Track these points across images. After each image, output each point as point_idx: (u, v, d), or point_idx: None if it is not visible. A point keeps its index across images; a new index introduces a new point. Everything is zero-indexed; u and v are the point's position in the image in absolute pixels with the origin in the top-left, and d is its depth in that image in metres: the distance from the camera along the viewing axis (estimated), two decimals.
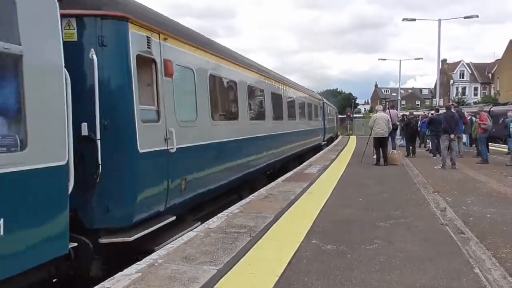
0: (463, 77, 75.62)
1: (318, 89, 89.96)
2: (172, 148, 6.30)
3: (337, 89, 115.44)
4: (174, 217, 6.41)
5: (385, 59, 50.46)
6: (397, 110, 27.79)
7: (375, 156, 15.08)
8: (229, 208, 7.82)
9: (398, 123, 18.86)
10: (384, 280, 4.32)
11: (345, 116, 65.32)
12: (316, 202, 8.29)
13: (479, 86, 74.97)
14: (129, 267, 4.69)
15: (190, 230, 6.28)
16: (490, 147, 18.74)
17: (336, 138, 39.13)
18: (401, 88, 58.66)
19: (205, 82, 7.96)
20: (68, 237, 4.48)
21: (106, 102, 5.16)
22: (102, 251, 5.28)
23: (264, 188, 10.23)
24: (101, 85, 5.10)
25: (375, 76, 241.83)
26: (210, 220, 6.90)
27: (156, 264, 4.78)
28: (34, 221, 4.02)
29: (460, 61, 77.10)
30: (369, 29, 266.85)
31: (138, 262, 4.84)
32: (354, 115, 71.98)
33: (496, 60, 66.65)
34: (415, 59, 46.10)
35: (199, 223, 6.93)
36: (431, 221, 6.88)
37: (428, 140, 21.31)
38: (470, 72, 75.65)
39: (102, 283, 4.25)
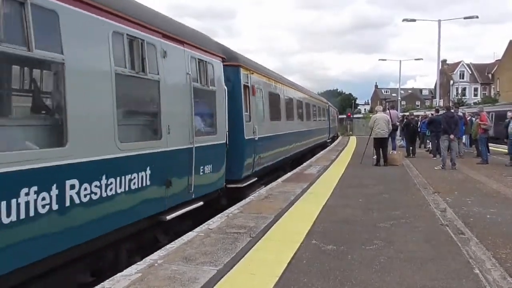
0: (463, 78, 75.67)
1: (319, 90, 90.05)
2: (256, 137, 10.75)
3: (337, 89, 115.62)
4: (256, 178, 11.01)
5: (385, 60, 50.49)
6: (397, 110, 27.79)
7: (375, 157, 15.09)
8: (229, 209, 7.83)
9: (398, 123, 18.85)
10: (384, 281, 4.32)
11: (345, 116, 65.27)
12: (316, 202, 8.29)
13: (479, 86, 75.02)
14: (129, 268, 4.69)
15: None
16: (490, 148, 18.77)
17: (337, 138, 39.20)
18: (401, 89, 58.66)
19: (267, 97, 12.57)
20: (224, 179, 8.80)
21: (230, 110, 9.05)
22: (227, 192, 9.34)
23: (264, 188, 10.25)
24: (228, 101, 8.90)
25: (375, 77, 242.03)
26: (210, 220, 6.91)
27: (156, 264, 4.78)
28: (218, 168, 8.41)
29: (460, 62, 77.15)
30: (369, 30, 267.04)
31: (138, 263, 4.84)
32: (354, 116, 72.00)
33: (496, 60, 66.72)
34: (415, 59, 46.25)
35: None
36: (431, 221, 6.88)
37: (428, 141, 21.31)
38: (470, 72, 75.70)
39: (102, 283, 4.25)
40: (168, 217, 6.39)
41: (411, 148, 18.80)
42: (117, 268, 5.11)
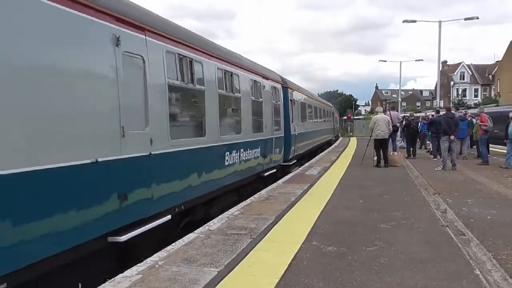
0: (463, 79, 75.65)
1: (319, 91, 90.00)
2: (296, 133, 15.71)
3: (337, 90, 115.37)
4: (296, 160, 16.12)
5: (385, 61, 50.60)
6: (397, 111, 27.79)
7: (375, 158, 15.09)
8: (229, 210, 7.83)
9: (398, 124, 18.85)
10: (384, 282, 4.33)
11: (345, 118, 65.21)
12: (317, 203, 8.29)
13: (479, 87, 75.01)
14: (129, 269, 4.69)
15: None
16: (490, 149, 18.76)
17: (337, 139, 39.31)
18: (402, 90, 58.68)
19: (299, 105, 17.67)
20: (283, 158, 14.24)
21: (285, 116, 14.48)
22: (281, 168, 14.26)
23: (265, 189, 10.25)
24: (284, 111, 14.48)
25: (376, 78, 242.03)
26: (210, 221, 6.91)
27: (157, 265, 4.78)
28: (281, 151, 13.85)
29: (460, 63, 77.12)
30: (370, 30, 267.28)
31: (138, 264, 4.85)
32: (355, 117, 71.92)
33: (496, 61, 66.61)
34: (416, 60, 46.50)
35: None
36: (432, 222, 6.88)
37: (428, 142, 21.31)
38: (471, 73, 75.68)
39: (103, 284, 4.26)
40: (265, 174, 12.18)
41: (411, 149, 18.80)
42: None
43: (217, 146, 8.48)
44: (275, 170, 13.05)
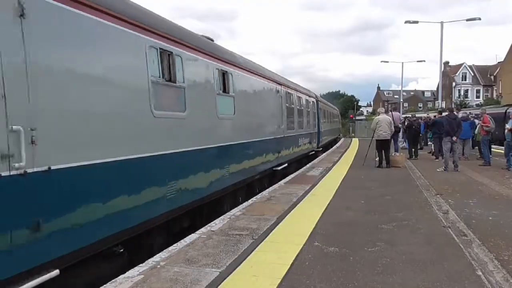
0: (465, 80, 75.56)
1: (320, 92, 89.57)
2: (322, 130, 24.20)
3: (339, 91, 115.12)
4: (322, 148, 24.43)
5: (387, 62, 50.33)
6: (399, 112, 27.79)
7: (377, 159, 15.07)
8: (231, 211, 7.84)
9: (400, 125, 18.84)
10: (386, 283, 4.33)
11: (347, 120, 65.10)
12: (319, 204, 8.29)
13: (481, 88, 74.90)
14: (131, 269, 4.70)
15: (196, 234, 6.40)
16: (492, 150, 18.74)
17: (339, 140, 39.31)
18: (403, 91, 58.59)
19: (323, 111, 26.22)
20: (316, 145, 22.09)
21: (318, 118, 23.12)
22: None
23: (267, 190, 10.25)
24: (317, 116, 23.18)
25: (377, 79, 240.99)
26: (212, 222, 6.92)
27: (159, 266, 4.79)
28: (315, 141, 21.92)
29: (462, 64, 77.02)
30: (371, 31, 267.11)
31: (140, 265, 4.85)
32: (356, 118, 71.78)
33: (498, 62, 66.47)
34: (418, 61, 46.55)
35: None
36: (434, 223, 6.88)
37: (429, 143, 21.34)
38: (473, 74, 75.58)
39: (105, 285, 4.27)
40: (310, 154, 20.18)
41: (413, 150, 18.79)
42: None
43: (297, 135, 16.32)
44: (313, 152, 21.07)
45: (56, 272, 3.90)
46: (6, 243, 3.49)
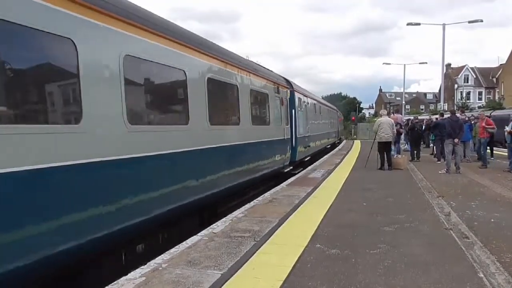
0: (467, 82, 75.35)
1: (322, 94, 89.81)
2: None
3: (341, 93, 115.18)
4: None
5: (389, 64, 50.36)
6: (401, 114, 27.81)
7: (379, 161, 15.07)
8: (233, 213, 7.84)
9: (402, 128, 18.86)
10: (388, 285, 4.33)
11: (349, 122, 65.02)
12: (321, 206, 8.29)
13: (483, 90, 74.66)
14: (133, 271, 4.71)
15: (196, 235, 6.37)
16: (494, 151, 18.74)
17: (340, 143, 39.30)
18: (406, 93, 58.58)
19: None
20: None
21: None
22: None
23: (269, 192, 10.25)
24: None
25: (379, 80, 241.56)
26: (214, 224, 6.92)
27: (160, 268, 4.80)
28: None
29: (464, 66, 76.83)
30: (373, 33, 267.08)
31: (142, 266, 4.86)
32: (359, 120, 71.77)
33: (500, 64, 66.41)
34: (420, 63, 46.77)
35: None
36: (436, 225, 6.87)
37: (431, 144, 21.35)
38: (475, 76, 75.39)
39: (106, 287, 4.28)
40: (328, 147, 28.50)
41: (415, 152, 18.77)
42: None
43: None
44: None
45: None
46: None
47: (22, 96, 4.26)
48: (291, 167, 15.05)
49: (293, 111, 15.56)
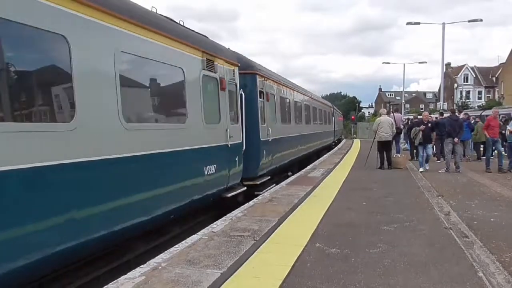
0: (467, 81, 75.39)
1: (322, 93, 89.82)
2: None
3: (341, 92, 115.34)
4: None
5: (389, 63, 50.45)
6: (401, 113, 27.85)
7: (379, 160, 15.07)
8: (232, 212, 7.84)
9: (402, 126, 18.86)
10: (388, 284, 4.32)
11: (348, 121, 65.12)
12: (320, 205, 8.29)
13: (483, 89, 74.71)
14: (132, 270, 4.70)
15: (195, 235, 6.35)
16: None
17: (340, 142, 39.31)
18: (405, 92, 58.60)
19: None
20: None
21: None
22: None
23: (268, 191, 10.25)
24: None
25: (379, 80, 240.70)
26: (213, 223, 6.92)
27: (160, 267, 4.79)
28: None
29: (464, 65, 76.87)
30: (373, 32, 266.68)
31: (141, 266, 4.86)
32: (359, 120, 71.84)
33: (500, 63, 66.41)
34: (419, 62, 46.79)
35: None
36: (435, 224, 6.87)
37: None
38: (474, 75, 75.42)
39: (106, 286, 4.27)
40: (333, 144, 31.51)
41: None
42: None
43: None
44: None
45: None
46: None
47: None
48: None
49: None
